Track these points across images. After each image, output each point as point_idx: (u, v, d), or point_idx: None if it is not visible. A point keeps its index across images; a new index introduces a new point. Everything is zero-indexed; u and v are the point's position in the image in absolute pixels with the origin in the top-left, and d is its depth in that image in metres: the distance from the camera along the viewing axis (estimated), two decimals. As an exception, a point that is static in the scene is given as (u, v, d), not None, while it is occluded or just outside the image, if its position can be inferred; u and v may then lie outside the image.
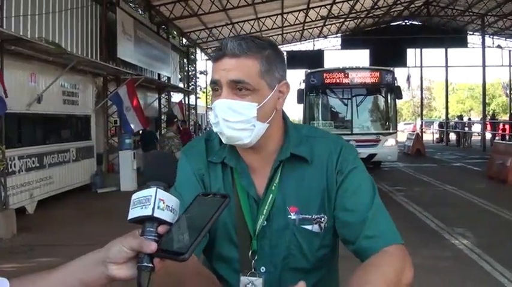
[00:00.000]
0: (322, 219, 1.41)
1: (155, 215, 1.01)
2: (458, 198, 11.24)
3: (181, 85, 26.94)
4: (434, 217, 8.97)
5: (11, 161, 9.28)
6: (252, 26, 26.50)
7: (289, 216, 1.40)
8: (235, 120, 1.32)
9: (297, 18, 26.82)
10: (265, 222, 1.40)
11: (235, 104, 1.32)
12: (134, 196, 1.06)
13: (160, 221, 1.03)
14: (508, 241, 7.31)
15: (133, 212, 1.03)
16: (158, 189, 1.03)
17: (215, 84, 1.35)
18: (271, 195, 1.40)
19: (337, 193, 1.40)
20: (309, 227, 1.41)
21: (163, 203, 1.03)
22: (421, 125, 35.04)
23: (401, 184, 13.48)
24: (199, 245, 1.35)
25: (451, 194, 11.83)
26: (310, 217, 1.40)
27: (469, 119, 36.17)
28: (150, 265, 1.00)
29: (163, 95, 22.26)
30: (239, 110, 1.32)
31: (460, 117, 33.19)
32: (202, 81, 36.88)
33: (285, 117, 1.50)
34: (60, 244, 7.35)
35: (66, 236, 7.97)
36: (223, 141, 1.40)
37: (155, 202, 1.01)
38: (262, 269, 1.41)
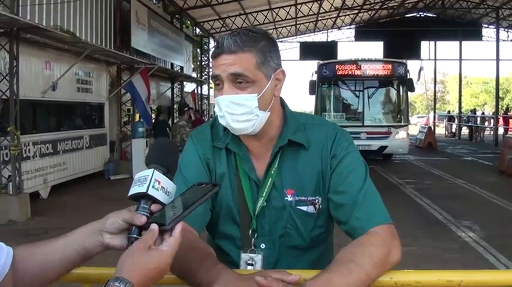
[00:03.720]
0: (317, 201, 1.52)
1: (149, 192, 1.12)
2: (468, 191, 11.25)
3: (194, 75, 27.03)
4: (443, 209, 9.01)
5: (26, 147, 9.48)
6: (266, 17, 26.46)
7: (286, 198, 1.51)
8: (239, 112, 1.43)
9: (310, 9, 26.72)
10: (265, 203, 1.51)
11: (237, 98, 1.42)
12: (136, 176, 1.18)
13: (154, 200, 1.14)
14: (514, 235, 7.35)
15: (132, 190, 1.15)
16: (156, 171, 1.15)
17: (216, 79, 1.45)
18: (270, 178, 1.51)
19: (331, 176, 1.50)
20: (304, 208, 1.51)
21: (159, 184, 1.14)
22: (434, 119, 34.82)
23: (411, 176, 13.50)
24: (201, 222, 1.49)
25: (461, 187, 11.84)
26: (305, 198, 1.51)
27: (483, 113, 35.90)
28: (137, 236, 1.11)
29: (176, 85, 22.38)
30: (241, 102, 1.42)
31: (473, 111, 32.94)
32: (215, 71, 36.87)
33: (283, 104, 1.59)
34: (73, 227, 7.49)
35: (79, 220, 8.00)
36: (233, 133, 1.50)
37: (151, 181, 1.13)
38: (262, 246, 1.53)
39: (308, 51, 30.58)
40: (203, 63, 30.96)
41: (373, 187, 1.49)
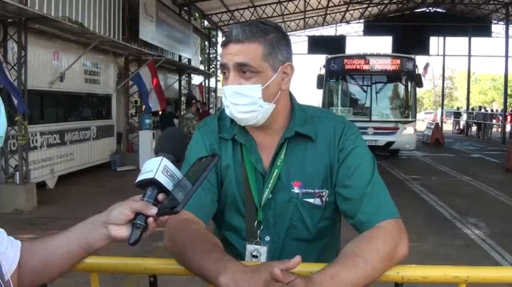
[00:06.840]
0: (324, 193, 1.51)
1: (156, 177, 1.12)
2: (474, 189, 11.21)
3: (201, 67, 27.01)
4: (449, 206, 8.98)
5: (33, 137, 9.52)
6: (274, 10, 26.37)
7: (293, 190, 1.50)
8: (243, 103, 1.43)
9: (319, 2, 26.59)
10: (270, 195, 1.50)
11: (240, 88, 1.43)
12: (144, 164, 1.17)
13: (161, 188, 1.13)
14: (520, 232, 7.31)
15: (140, 176, 1.15)
16: (164, 158, 1.15)
17: (223, 68, 1.46)
18: (276, 170, 1.50)
19: (339, 169, 1.49)
20: (311, 200, 1.51)
21: (167, 171, 1.14)
22: (442, 115, 34.65)
23: (417, 172, 13.46)
24: (208, 214, 1.49)
25: (467, 184, 11.79)
26: (312, 191, 1.50)
27: (492, 110, 35.68)
28: (143, 224, 1.12)
29: (183, 77, 22.37)
30: (245, 93, 1.43)
31: (480, 108, 32.75)
32: (223, 64, 36.87)
33: (291, 97, 1.59)
34: (79, 217, 7.45)
35: (85, 210, 8.07)
36: (238, 123, 1.51)
37: (158, 168, 1.13)
38: (267, 238, 1.52)
39: (316, 45, 30.47)
40: (211, 55, 30.91)
41: (381, 180, 1.48)
